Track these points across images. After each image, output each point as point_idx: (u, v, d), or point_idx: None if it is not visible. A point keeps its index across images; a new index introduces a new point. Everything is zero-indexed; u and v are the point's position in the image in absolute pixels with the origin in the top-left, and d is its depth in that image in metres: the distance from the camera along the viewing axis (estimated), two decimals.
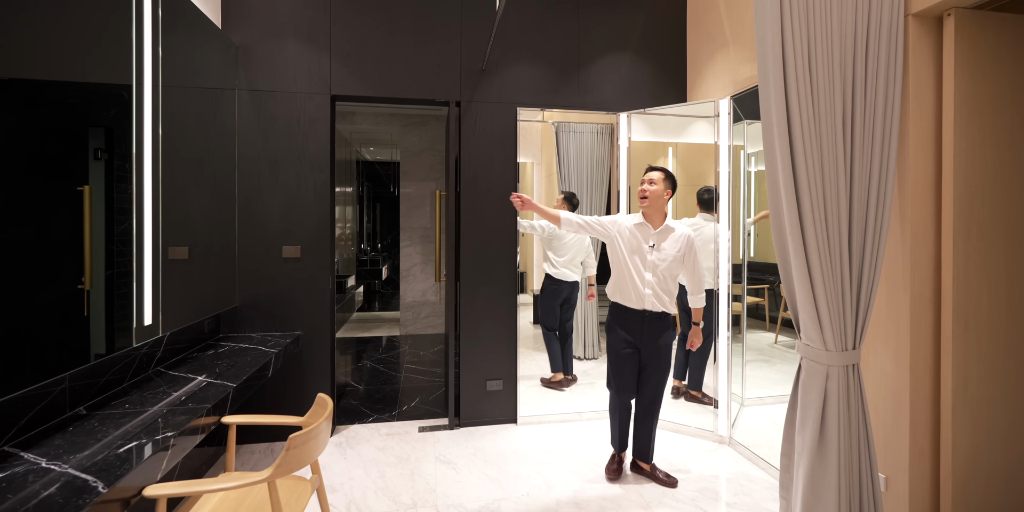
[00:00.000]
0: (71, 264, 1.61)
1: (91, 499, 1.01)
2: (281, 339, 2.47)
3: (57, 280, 1.56)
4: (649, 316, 2.15)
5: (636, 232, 2.18)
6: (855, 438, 1.54)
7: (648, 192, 2.16)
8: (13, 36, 1.34)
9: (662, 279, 2.14)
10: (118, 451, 1.23)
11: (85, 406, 1.53)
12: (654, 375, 2.19)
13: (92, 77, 1.65)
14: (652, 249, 2.15)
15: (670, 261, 2.14)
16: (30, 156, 1.45)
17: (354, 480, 2.22)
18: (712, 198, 2.87)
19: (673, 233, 2.17)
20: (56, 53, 1.50)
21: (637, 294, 2.15)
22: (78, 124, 1.66)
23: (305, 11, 2.67)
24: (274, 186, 2.63)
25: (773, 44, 1.55)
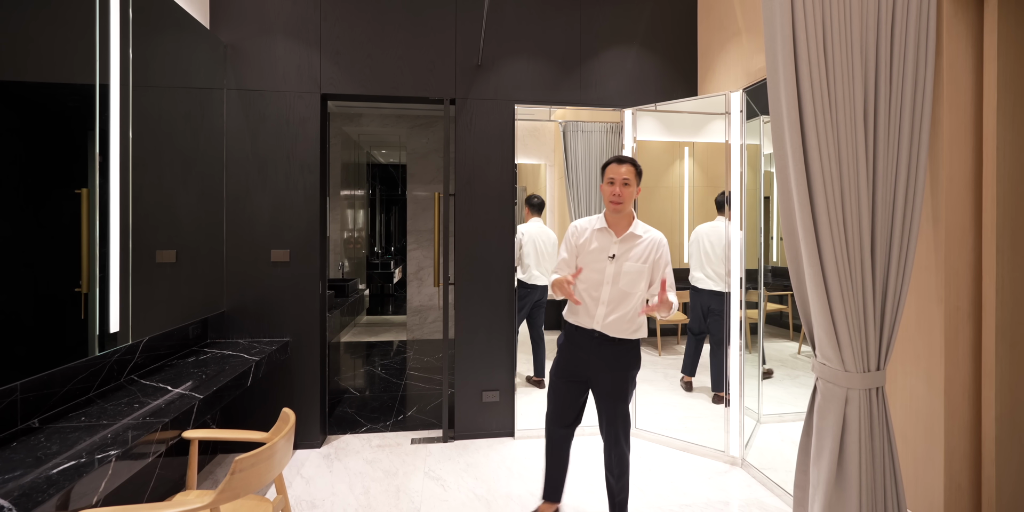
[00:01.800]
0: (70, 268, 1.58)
1: None
2: (267, 346, 2.39)
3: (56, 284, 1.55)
4: (600, 338, 1.76)
5: (596, 240, 1.81)
6: (879, 471, 1.34)
7: (622, 195, 1.74)
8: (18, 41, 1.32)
9: (621, 297, 1.75)
10: (51, 472, 1.14)
11: (40, 418, 1.45)
12: (608, 407, 1.78)
13: (80, 78, 1.62)
14: (612, 260, 1.77)
15: (633, 274, 1.75)
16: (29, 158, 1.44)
17: (336, 496, 2.12)
18: (724, 201, 2.75)
19: (640, 241, 1.78)
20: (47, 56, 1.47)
21: (587, 314, 1.78)
22: (76, 127, 1.63)
23: (295, 8, 2.60)
24: (263, 188, 2.56)
25: (783, 26, 1.37)
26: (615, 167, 1.77)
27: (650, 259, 1.77)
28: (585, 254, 1.81)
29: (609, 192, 1.76)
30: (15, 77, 1.41)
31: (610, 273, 1.76)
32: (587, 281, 1.79)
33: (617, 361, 1.77)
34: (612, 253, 1.77)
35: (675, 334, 4.43)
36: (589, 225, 1.84)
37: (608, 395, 1.78)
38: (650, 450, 2.60)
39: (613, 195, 1.75)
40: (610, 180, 1.77)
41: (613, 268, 1.76)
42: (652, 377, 3.59)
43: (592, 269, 1.78)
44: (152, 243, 1.95)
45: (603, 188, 1.79)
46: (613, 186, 1.75)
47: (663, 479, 2.29)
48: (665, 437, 2.68)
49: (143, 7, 1.88)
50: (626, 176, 1.75)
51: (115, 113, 1.74)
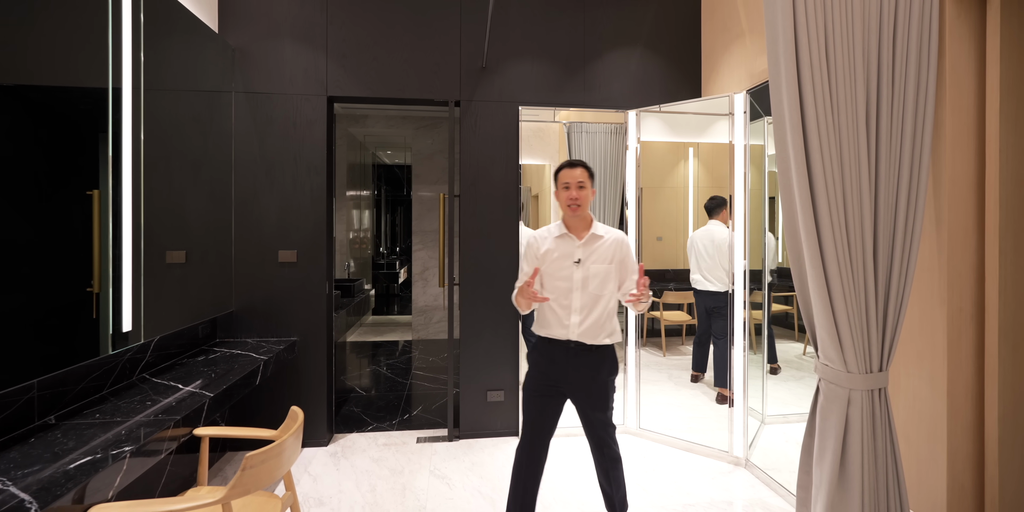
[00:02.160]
0: (82, 267, 1.61)
1: None
2: (275, 345, 2.42)
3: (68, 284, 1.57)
4: (576, 348, 1.70)
5: (558, 247, 1.75)
6: (882, 472, 1.35)
7: (580, 198, 1.70)
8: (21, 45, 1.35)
9: (593, 301, 1.71)
10: (68, 467, 1.17)
11: (56, 415, 1.49)
12: (590, 418, 1.74)
13: (90, 82, 1.65)
14: (578, 265, 1.71)
15: (601, 275, 1.71)
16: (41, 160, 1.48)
17: (343, 493, 2.14)
18: (713, 206, 3.09)
19: (602, 241, 1.74)
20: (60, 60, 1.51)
21: (560, 323, 1.72)
22: (88, 129, 1.67)
23: (301, 12, 2.63)
24: (270, 190, 2.60)
25: (784, 27, 1.38)
26: (568, 171, 1.73)
27: (615, 259, 1.73)
28: (549, 263, 1.74)
29: (566, 196, 1.72)
30: (28, 81, 1.44)
31: (578, 278, 1.71)
32: (555, 291, 1.73)
33: (597, 370, 1.72)
34: (577, 258, 1.72)
35: (679, 334, 4.43)
36: (548, 234, 1.79)
37: (592, 406, 1.72)
38: (654, 450, 2.61)
39: (571, 199, 1.71)
40: (565, 185, 1.73)
41: (580, 273, 1.71)
42: (656, 378, 3.59)
43: (559, 277, 1.73)
44: (162, 244, 1.98)
45: (558, 194, 1.76)
46: (569, 190, 1.71)
47: (666, 479, 2.30)
48: (669, 437, 2.69)
49: (154, 11, 1.92)
50: (580, 179, 1.72)
51: (127, 116, 1.78)
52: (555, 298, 1.72)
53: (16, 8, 1.37)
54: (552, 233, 1.78)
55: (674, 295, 3.99)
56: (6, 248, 1.35)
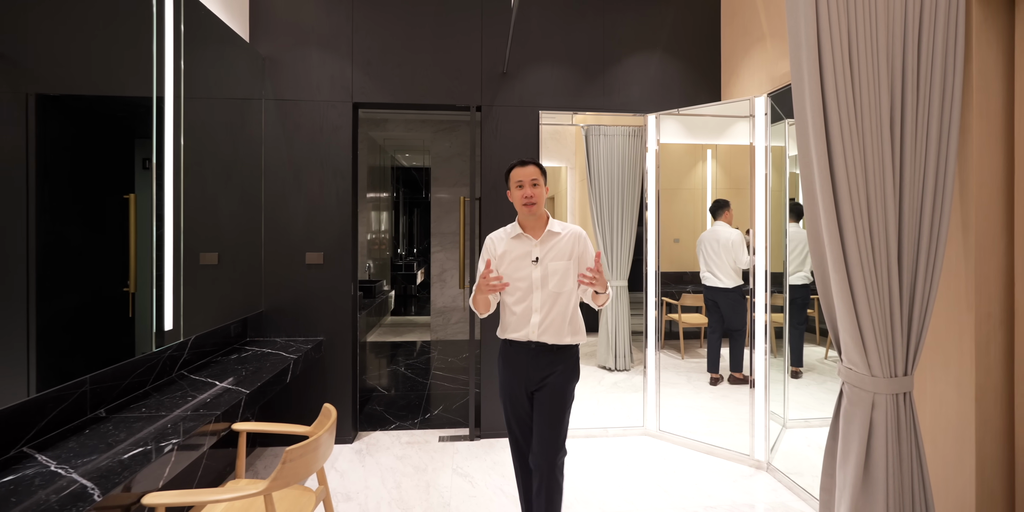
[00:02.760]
0: (119, 268, 1.69)
1: (85, 507, 1.02)
2: (303, 344, 2.50)
3: (107, 284, 1.65)
4: (537, 348, 1.67)
5: (515, 248, 1.71)
6: (907, 475, 1.35)
7: (535, 195, 1.67)
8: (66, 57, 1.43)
9: (553, 299, 1.67)
10: (123, 457, 1.25)
11: (106, 408, 1.58)
12: (545, 421, 1.65)
13: (131, 91, 1.73)
14: (536, 264, 1.68)
15: (561, 272, 1.68)
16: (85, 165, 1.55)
17: (370, 489, 2.21)
18: (716, 208, 3.38)
19: (559, 238, 1.70)
20: (100, 70, 1.59)
21: (522, 325, 1.68)
22: (125, 136, 1.75)
23: (328, 21, 2.72)
24: (298, 193, 2.68)
25: (807, 34, 1.40)
26: (520, 170, 1.69)
27: (574, 254, 1.70)
28: (507, 264, 1.71)
29: (520, 195, 1.68)
30: (70, 91, 1.51)
31: (537, 277, 1.68)
32: (515, 292, 1.69)
33: (557, 371, 1.67)
34: (535, 256, 1.69)
35: (698, 337, 4.41)
36: (504, 235, 1.76)
37: (548, 412, 1.66)
38: (674, 452, 2.62)
39: (525, 197, 1.67)
40: (519, 183, 1.68)
41: (539, 271, 1.68)
42: (675, 380, 3.60)
43: (518, 278, 1.69)
44: (196, 246, 2.07)
45: (512, 194, 1.71)
46: (523, 188, 1.67)
47: (687, 481, 2.31)
48: (689, 440, 2.69)
49: (192, 24, 2.01)
50: (533, 176, 1.68)
51: (169, 124, 1.87)
52: (515, 299, 1.69)
53: (64, 23, 1.46)
54: (508, 234, 1.75)
55: (692, 297, 3.98)
56: (60, 250, 1.43)
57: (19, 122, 1.31)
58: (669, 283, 3.88)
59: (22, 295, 1.30)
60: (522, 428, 1.73)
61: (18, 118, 1.31)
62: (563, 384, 1.69)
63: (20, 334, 1.30)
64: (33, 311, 1.33)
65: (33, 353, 1.33)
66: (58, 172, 1.44)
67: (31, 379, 1.31)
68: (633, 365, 3.81)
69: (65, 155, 1.47)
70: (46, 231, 1.37)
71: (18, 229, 1.30)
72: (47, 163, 1.39)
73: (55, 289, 1.41)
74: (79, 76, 1.52)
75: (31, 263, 1.32)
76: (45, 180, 1.38)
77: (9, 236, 1.27)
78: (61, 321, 1.44)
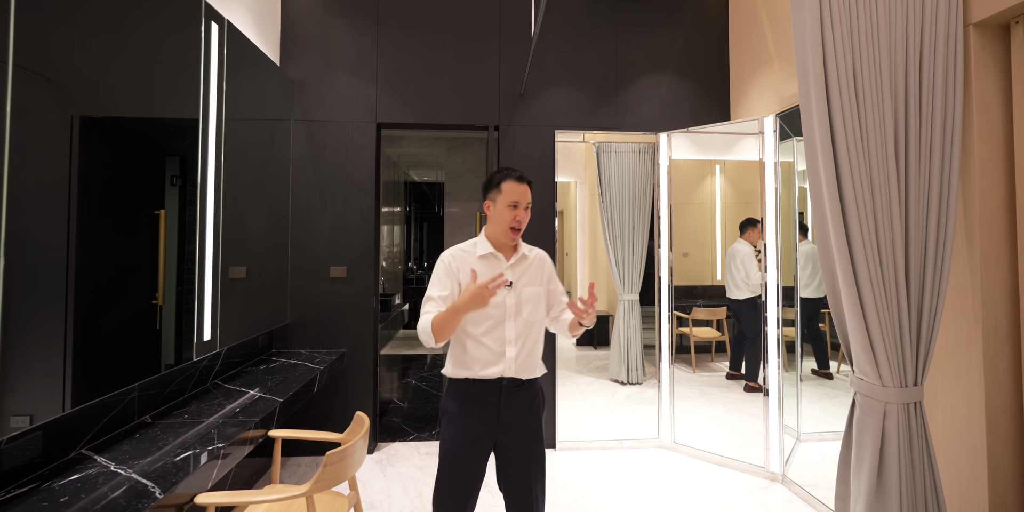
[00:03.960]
0: (147, 281, 1.78)
1: (149, 504, 1.10)
2: (327, 356, 2.59)
3: (137, 297, 1.73)
4: (509, 385, 1.46)
5: (484, 271, 1.46)
6: (920, 483, 1.40)
7: (524, 222, 1.48)
8: (109, 81, 1.54)
9: (527, 329, 1.49)
10: (175, 459, 1.33)
11: (151, 415, 1.66)
12: (524, 469, 1.46)
13: (168, 113, 1.84)
14: (510, 290, 1.48)
15: (534, 299, 1.51)
16: (121, 183, 1.63)
17: (392, 498, 2.26)
18: (742, 225, 3.47)
19: (530, 260, 1.54)
20: (139, 93, 1.70)
21: (493, 359, 1.46)
22: (156, 154, 1.85)
23: (354, 45, 2.87)
24: (323, 210, 2.80)
25: (814, 62, 1.50)
26: (518, 188, 1.47)
27: (543, 279, 1.56)
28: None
29: (511, 217, 1.46)
30: (111, 113, 1.56)
31: (511, 305, 1.48)
32: (484, 322, 1.46)
33: (532, 408, 1.50)
34: (509, 281, 1.49)
35: (708, 351, 4.44)
36: (470, 252, 1.52)
37: (527, 456, 1.47)
38: (688, 464, 2.65)
39: (516, 221, 1.47)
40: (514, 203, 1.46)
41: (513, 298, 1.49)
42: (688, 394, 3.62)
43: (490, 309, 1.44)
44: (226, 260, 2.16)
45: (503, 212, 1.47)
46: (516, 210, 1.46)
47: (703, 492, 2.34)
48: (703, 452, 2.72)
49: (232, 51, 2.15)
50: (529, 199, 1.49)
51: (211, 144, 1.99)
52: (484, 330, 1.46)
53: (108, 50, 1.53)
54: (474, 251, 1.51)
55: (703, 312, 4.03)
56: (97, 264, 1.48)
57: (64, 142, 1.39)
58: (679, 297, 3.93)
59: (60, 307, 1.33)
60: (470, 486, 1.45)
61: (63, 139, 1.40)
62: (539, 418, 1.52)
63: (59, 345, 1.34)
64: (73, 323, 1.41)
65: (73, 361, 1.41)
66: (96, 189, 1.47)
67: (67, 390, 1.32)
68: (645, 378, 3.84)
69: (103, 173, 1.51)
70: (85, 246, 1.41)
71: (60, 244, 1.34)
72: (87, 181, 1.43)
73: (95, 301, 1.46)
74: (120, 99, 1.59)
75: (71, 276, 1.36)
76: (85, 197, 1.43)
77: (54, 251, 1.32)
78: (105, 331, 1.51)
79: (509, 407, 1.47)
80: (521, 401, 1.48)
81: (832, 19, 1.50)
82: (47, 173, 1.31)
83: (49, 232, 1.31)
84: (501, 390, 1.46)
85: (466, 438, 1.45)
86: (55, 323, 1.32)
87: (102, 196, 1.52)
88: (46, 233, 1.30)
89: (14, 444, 1.17)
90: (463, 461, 1.44)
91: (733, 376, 3.60)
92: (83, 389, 1.39)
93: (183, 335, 1.86)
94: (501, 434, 1.47)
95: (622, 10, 3.04)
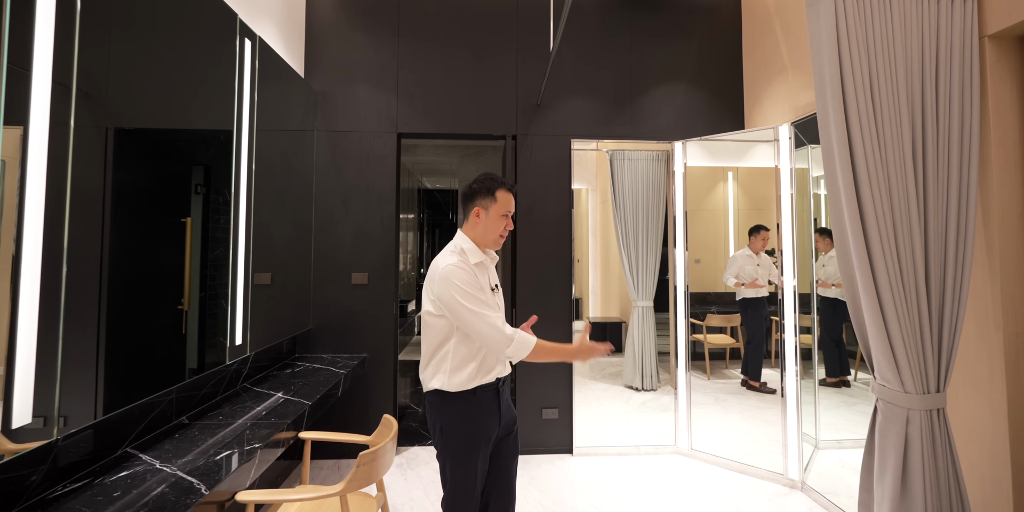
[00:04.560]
0: (174, 288, 1.83)
1: (196, 499, 1.15)
2: (349, 361, 2.64)
3: (165, 302, 1.79)
4: (502, 384, 1.54)
5: (479, 274, 1.50)
6: (944, 489, 1.41)
7: (507, 231, 1.57)
8: (142, 94, 1.62)
9: None
10: (215, 458, 1.38)
11: (187, 416, 1.72)
12: (510, 463, 1.57)
13: (201, 124, 1.90)
14: (495, 292, 1.56)
15: (501, 299, 1.61)
16: (150, 192, 1.67)
17: (414, 501, 2.29)
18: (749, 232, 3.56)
19: (495, 262, 1.64)
20: (172, 106, 1.78)
21: (496, 361, 1.52)
22: (183, 163, 1.91)
23: (376, 58, 2.96)
24: (345, 218, 2.87)
25: (831, 73, 1.54)
26: (511, 199, 1.55)
27: None
28: (486, 295, 1.50)
29: (503, 226, 1.54)
30: (143, 125, 1.60)
31: (500, 305, 1.58)
32: None
33: (510, 401, 1.61)
34: (494, 283, 1.58)
35: (723, 358, 4.43)
36: (467, 259, 1.51)
37: (513, 451, 1.58)
38: (706, 470, 2.66)
39: (506, 230, 1.56)
40: (507, 213, 1.54)
41: (498, 298, 1.58)
42: (703, 400, 3.61)
43: (488, 309, 1.47)
44: (253, 267, 2.22)
45: (496, 220, 1.52)
46: (507, 219, 1.54)
47: (721, 498, 2.34)
48: (721, 458, 2.73)
49: (263, 64, 2.23)
50: (513, 209, 1.57)
51: (244, 154, 2.07)
52: (492, 332, 1.45)
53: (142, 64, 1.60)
54: (470, 258, 1.52)
55: (718, 318, 4.03)
56: (139, 273, 1.54)
57: (99, 153, 1.44)
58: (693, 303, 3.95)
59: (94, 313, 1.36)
60: (476, 502, 1.49)
61: (99, 150, 1.46)
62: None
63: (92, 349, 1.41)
64: (107, 328, 1.49)
65: (108, 365, 1.47)
66: (128, 199, 1.52)
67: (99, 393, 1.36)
68: (660, 385, 3.85)
69: (134, 182, 1.55)
70: (117, 253, 1.45)
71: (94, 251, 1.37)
72: (120, 191, 1.47)
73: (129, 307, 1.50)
74: (153, 111, 1.64)
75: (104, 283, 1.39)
76: (118, 206, 1.47)
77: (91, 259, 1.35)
78: (141, 336, 1.56)
79: (508, 406, 1.56)
80: (507, 396, 1.58)
81: (848, 31, 1.54)
82: (85, 183, 1.34)
83: (87, 240, 1.34)
84: (499, 390, 1.53)
85: (476, 445, 1.45)
86: (88, 328, 1.33)
87: (133, 204, 1.54)
88: (85, 241, 1.33)
89: (69, 442, 1.23)
90: (479, 466, 1.45)
91: (746, 381, 3.63)
92: (122, 392, 1.44)
93: (206, 340, 1.92)
94: (502, 433, 1.54)
95: (636, 21, 3.10)
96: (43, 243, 1.17)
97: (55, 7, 1.21)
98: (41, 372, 1.14)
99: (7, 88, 1.09)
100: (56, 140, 1.21)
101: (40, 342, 1.14)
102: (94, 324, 1.36)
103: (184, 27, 1.75)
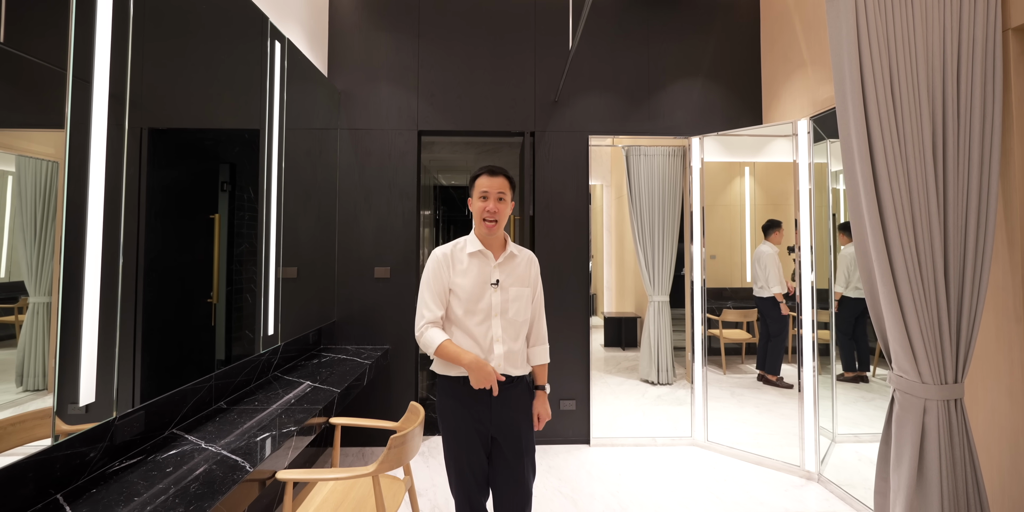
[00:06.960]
0: (203, 281, 1.90)
1: (242, 476, 1.23)
2: (372, 352, 2.73)
3: (195, 296, 1.88)
4: (501, 383, 1.50)
5: (473, 266, 1.52)
6: (961, 479, 1.43)
7: (498, 212, 1.51)
8: (174, 95, 1.71)
9: (514, 328, 1.53)
10: (255, 440, 1.47)
11: (225, 401, 1.82)
12: (515, 462, 1.52)
13: (231, 124, 1.96)
14: (496, 287, 1.52)
15: (522, 300, 1.54)
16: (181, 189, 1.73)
17: (437, 487, 2.37)
18: (766, 227, 3.55)
19: (518, 259, 1.57)
20: (203, 106, 1.85)
21: (483, 357, 1.50)
22: (211, 162, 1.95)
23: (397, 58, 3.02)
24: (368, 213, 2.95)
25: (851, 69, 1.55)
26: (488, 180, 1.51)
27: (531, 280, 1.59)
28: (468, 286, 1.51)
29: (481, 208, 1.51)
30: (175, 125, 1.65)
31: (496, 303, 1.52)
32: (472, 317, 1.50)
33: (521, 403, 1.55)
34: (495, 279, 1.52)
35: (739, 353, 4.43)
36: (459, 250, 1.55)
37: (518, 451, 1.52)
38: (722, 461, 2.69)
39: (487, 212, 1.50)
40: (483, 194, 1.51)
41: (499, 296, 1.52)
42: (719, 394, 3.64)
43: (475, 301, 1.51)
44: (280, 261, 2.30)
45: (473, 203, 1.54)
46: (487, 201, 1.51)
47: (738, 488, 2.38)
48: (738, 450, 2.76)
49: (291, 65, 2.31)
50: (501, 189, 1.51)
51: (275, 152, 2.15)
52: (472, 326, 1.50)
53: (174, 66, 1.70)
54: (464, 249, 1.54)
55: (734, 313, 4.04)
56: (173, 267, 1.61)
57: (135, 152, 1.47)
58: (708, 299, 3.96)
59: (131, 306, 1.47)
60: (478, 462, 1.53)
61: (134, 149, 1.50)
62: (528, 413, 1.58)
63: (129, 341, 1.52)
64: (143, 320, 1.58)
65: (145, 354, 1.57)
66: (161, 197, 1.57)
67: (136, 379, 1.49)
68: (676, 379, 3.88)
69: (166, 181, 1.58)
70: (152, 249, 1.51)
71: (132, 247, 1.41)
72: (153, 188, 1.52)
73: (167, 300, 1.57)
74: (185, 111, 1.69)
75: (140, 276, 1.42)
76: (152, 203, 1.53)
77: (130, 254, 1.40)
78: (179, 328, 1.63)
79: (503, 404, 1.53)
80: (512, 397, 1.54)
81: (868, 25, 1.55)
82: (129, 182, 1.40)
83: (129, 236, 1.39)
84: (491, 389, 1.49)
85: (459, 436, 1.53)
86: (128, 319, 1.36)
87: (166, 202, 1.60)
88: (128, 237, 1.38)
89: (124, 421, 1.32)
90: (464, 458, 1.53)
91: (763, 376, 3.65)
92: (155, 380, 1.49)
93: (232, 332, 1.99)
94: (495, 432, 1.53)
95: (653, 17, 3.12)
96: (103, 238, 1.25)
97: (110, 34, 1.29)
98: (102, 355, 1.23)
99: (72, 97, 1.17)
100: (112, 143, 1.30)
101: (101, 328, 1.23)
102: (132, 315, 1.41)
103: (218, 31, 1.83)
